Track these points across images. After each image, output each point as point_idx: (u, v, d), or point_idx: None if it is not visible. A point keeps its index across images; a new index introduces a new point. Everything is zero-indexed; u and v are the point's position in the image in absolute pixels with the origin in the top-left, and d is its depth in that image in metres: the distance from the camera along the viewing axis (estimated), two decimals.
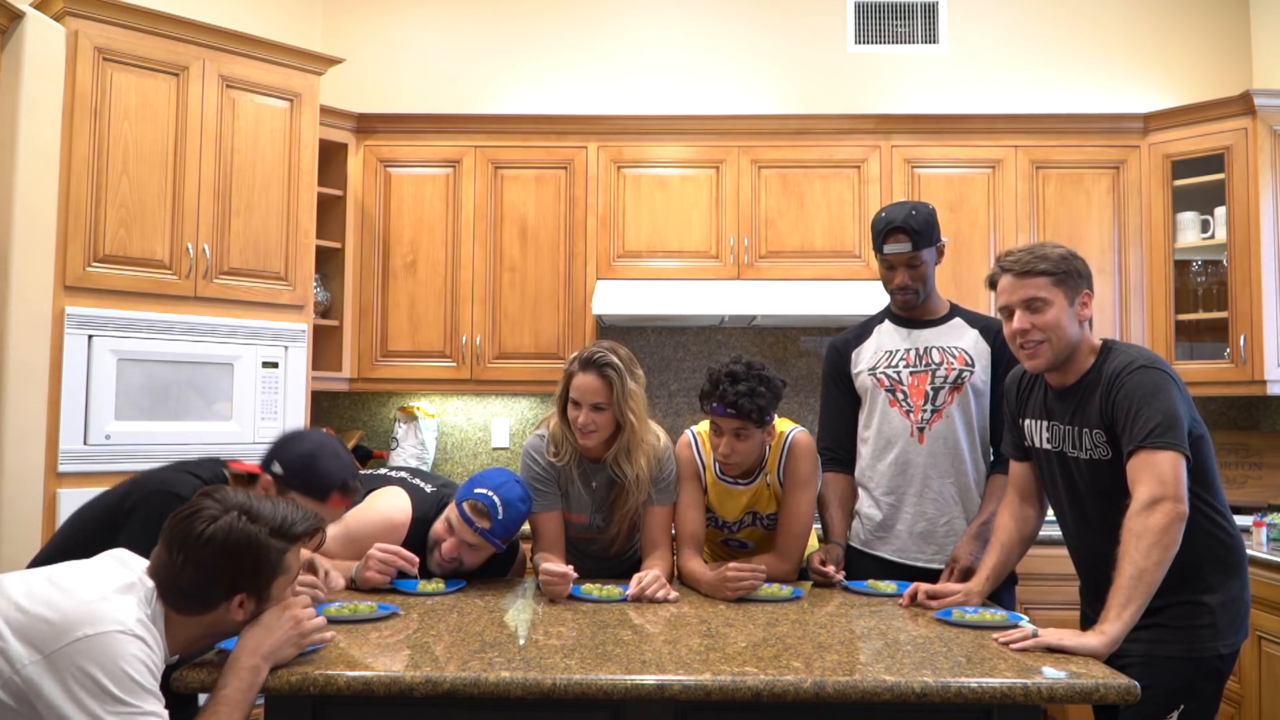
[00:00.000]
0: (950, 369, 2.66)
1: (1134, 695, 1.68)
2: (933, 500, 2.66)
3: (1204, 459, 2.10)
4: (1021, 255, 2.18)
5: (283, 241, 3.76)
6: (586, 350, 2.55)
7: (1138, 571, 1.90)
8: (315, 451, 2.15)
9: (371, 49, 4.65)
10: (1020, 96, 4.56)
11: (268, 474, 2.14)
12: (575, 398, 2.52)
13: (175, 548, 1.66)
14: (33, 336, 3.18)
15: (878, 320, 2.83)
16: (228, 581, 1.67)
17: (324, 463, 2.14)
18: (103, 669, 1.51)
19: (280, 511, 1.74)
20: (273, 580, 1.72)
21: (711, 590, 2.41)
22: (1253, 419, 4.41)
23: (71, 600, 1.57)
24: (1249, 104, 3.88)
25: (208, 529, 1.66)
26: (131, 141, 3.41)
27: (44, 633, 1.53)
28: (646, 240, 4.24)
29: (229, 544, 1.66)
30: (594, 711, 1.80)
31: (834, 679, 1.69)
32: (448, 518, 2.48)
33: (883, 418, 2.70)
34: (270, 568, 1.71)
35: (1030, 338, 2.16)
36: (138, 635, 1.56)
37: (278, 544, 1.71)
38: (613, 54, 4.64)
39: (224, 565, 1.66)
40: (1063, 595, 3.47)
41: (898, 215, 2.64)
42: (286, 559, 1.74)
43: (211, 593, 1.67)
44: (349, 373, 4.23)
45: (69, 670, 1.51)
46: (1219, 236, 4.01)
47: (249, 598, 1.70)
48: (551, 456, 2.58)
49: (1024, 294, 2.16)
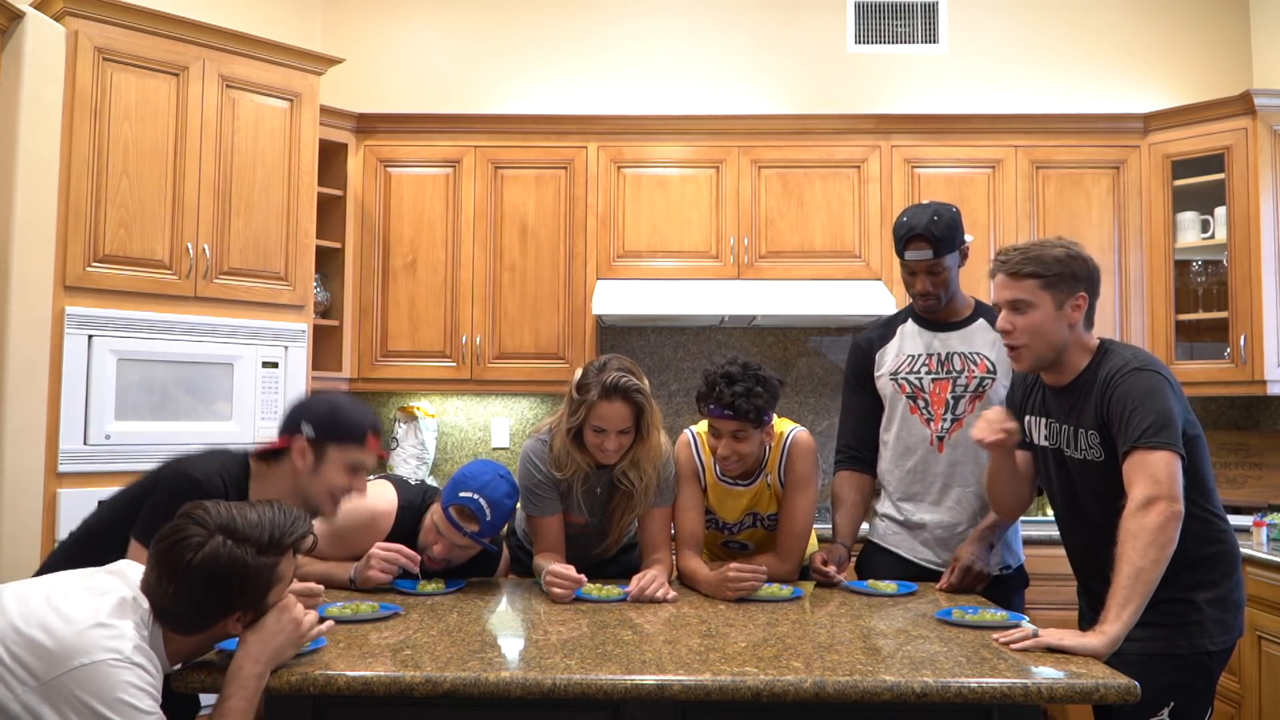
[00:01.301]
0: (972, 377, 2.64)
1: (1134, 695, 1.68)
2: (950, 508, 2.65)
3: (1198, 459, 2.10)
4: (1015, 255, 2.18)
5: (283, 241, 3.76)
6: (598, 375, 2.46)
7: (1135, 571, 1.90)
8: (336, 402, 2.17)
9: (371, 49, 4.65)
10: (1020, 96, 4.56)
11: (299, 438, 2.10)
12: (600, 426, 2.44)
13: (165, 576, 1.62)
14: (33, 336, 3.18)
15: (901, 319, 2.79)
16: (221, 606, 1.65)
17: (348, 409, 2.15)
18: (99, 698, 1.50)
19: (267, 522, 1.69)
20: (267, 593, 1.70)
21: (712, 590, 2.41)
22: (1253, 419, 4.41)
23: (67, 626, 1.54)
24: (1249, 104, 3.88)
25: (194, 558, 1.61)
26: (131, 141, 3.41)
27: (40, 659, 1.52)
28: (646, 240, 4.24)
29: (217, 572, 1.62)
30: (594, 711, 1.80)
31: (834, 679, 1.69)
32: (434, 523, 2.45)
33: (903, 424, 2.69)
34: (264, 584, 1.68)
35: (1011, 340, 2.19)
36: (135, 663, 1.54)
37: (268, 560, 1.67)
38: (613, 54, 4.64)
39: (214, 593, 1.63)
40: (1063, 595, 3.45)
41: (920, 221, 2.58)
42: (279, 570, 1.70)
43: (207, 618, 1.66)
44: (349, 373, 4.23)
45: (65, 700, 1.49)
46: (1219, 236, 4.01)
47: (245, 614, 1.69)
48: (555, 471, 2.54)
49: (1010, 295, 2.17)
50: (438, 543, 2.44)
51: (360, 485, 2.16)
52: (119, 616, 1.59)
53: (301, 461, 2.11)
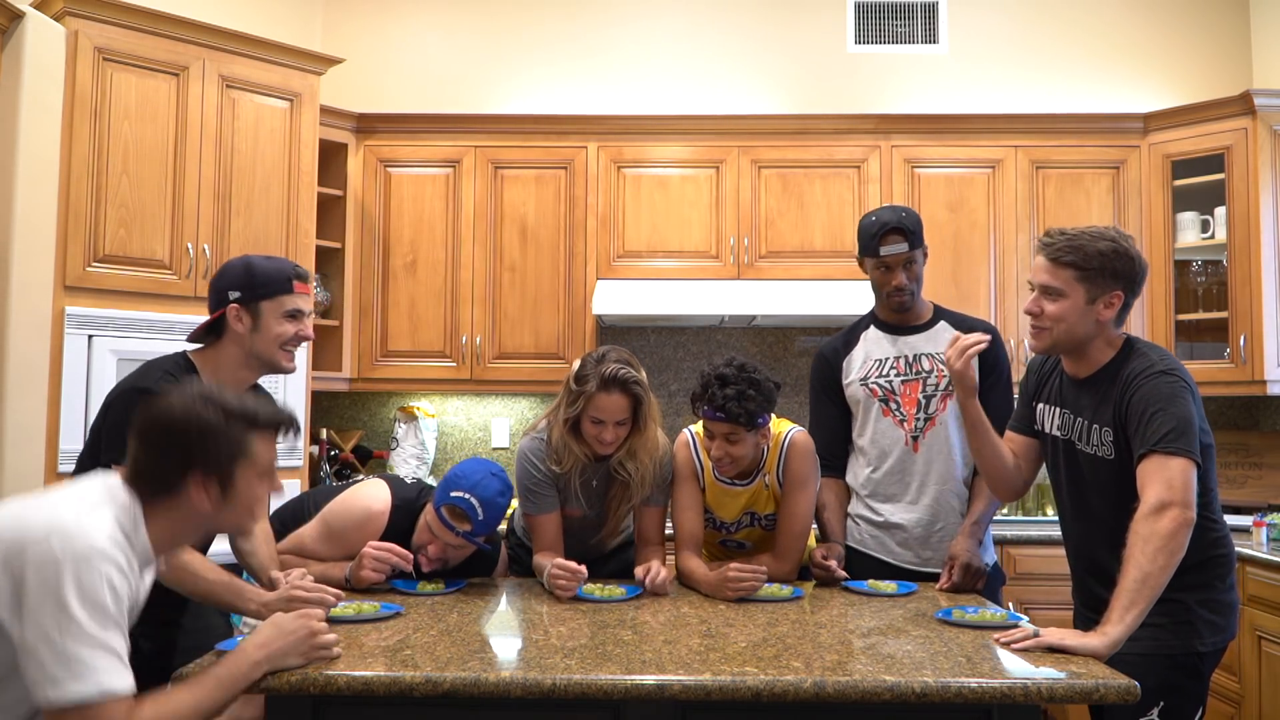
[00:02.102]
0: (941, 376, 2.67)
1: (1134, 695, 1.68)
2: (928, 506, 2.67)
3: (1206, 467, 2.10)
4: (1060, 241, 2.14)
5: (283, 241, 3.76)
6: (597, 366, 2.47)
7: (1143, 575, 1.89)
8: (249, 261, 2.23)
9: (371, 49, 4.65)
10: (1020, 96, 4.56)
11: (229, 305, 2.17)
12: (599, 417, 2.46)
13: (136, 433, 1.62)
14: (33, 336, 3.18)
15: (863, 326, 2.82)
16: (182, 456, 1.60)
17: (263, 263, 2.22)
18: (69, 587, 1.42)
19: (246, 400, 1.70)
20: (234, 462, 1.64)
21: (712, 591, 2.41)
22: (1253, 419, 4.41)
23: (42, 514, 1.49)
24: (1249, 104, 3.88)
25: (163, 407, 1.62)
26: (131, 141, 3.41)
27: (10, 548, 1.45)
28: (646, 240, 4.24)
29: (180, 420, 1.61)
30: (594, 711, 1.80)
31: (834, 679, 1.69)
32: (428, 523, 2.45)
33: (876, 428, 2.71)
34: (229, 446, 1.63)
35: (1037, 322, 2.18)
36: (108, 555, 1.48)
37: (237, 424, 1.64)
38: (613, 54, 4.64)
39: (177, 440, 1.60)
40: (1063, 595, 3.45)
41: (891, 217, 2.65)
42: (251, 444, 1.66)
43: (170, 470, 1.61)
44: (349, 373, 4.23)
45: (31, 585, 1.42)
46: (1219, 236, 4.01)
47: (209, 478, 1.62)
48: (554, 466, 2.55)
49: (1044, 279, 2.15)
50: (432, 543, 2.44)
51: (305, 328, 2.24)
52: (98, 508, 1.54)
53: (240, 325, 2.18)
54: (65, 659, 1.41)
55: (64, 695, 1.41)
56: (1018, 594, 3.61)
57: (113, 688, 1.44)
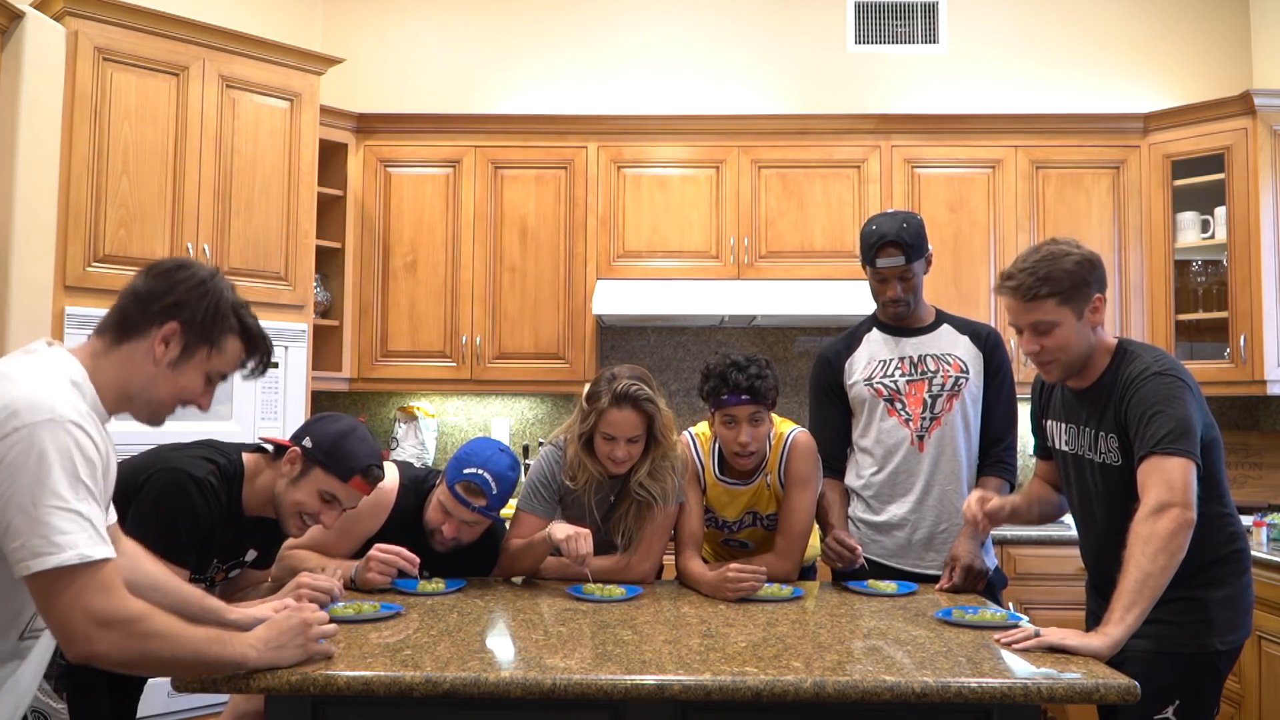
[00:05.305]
0: (947, 376, 2.67)
1: (1134, 695, 1.68)
2: (933, 507, 2.67)
3: (1214, 460, 2.10)
4: (1024, 277, 2.10)
5: (283, 241, 3.76)
6: (610, 384, 2.48)
7: (1143, 576, 1.89)
8: (346, 431, 2.19)
9: (371, 49, 4.65)
10: (1020, 96, 4.56)
11: (296, 446, 2.16)
12: (610, 434, 2.47)
13: (146, 270, 1.68)
14: (33, 336, 3.15)
15: (865, 329, 2.82)
16: (173, 302, 1.64)
17: (352, 443, 2.17)
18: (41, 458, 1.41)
19: (254, 318, 1.74)
20: (205, 337, 1.67)
21: (712, 591, 2.41)
22: (1253, 419, 4.41)
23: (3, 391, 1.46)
24: (1249, 104, 3.88)
25: (188, 261, 1.71)
26: (131, 141, 3.41)
27: None
28: (646, 240, 4.24)
29: (196, 275, 1.67)
30: (594, 711, 1.80)
31: (834, 679, 1.69)
32: (441, 502, 2.47)
33: (880, 428, 2.70)
34: (212, 323, 1.66)
35: (1041, 358, 2.16)
36: (76, 422, 1.47)
37: (232, 320, 1.69)
38: (613, 54, 4.64)
39: (180, 284, 1.65)
40: (1063, 595, 3.47)
41: (890, 229, 2.62)
42: (227, 342, 1.70)
43: (152, 310, 1.64)
44: (349, 373, 4.23)
45: (3, 461, 1.40)
46: (1219, 236, 4.01)
47: (174, 336, 1.64)
48: (569, 482, 2.56)
49: (1030, 318, 2.13)
50: (446, 522, 2.46)
51: (329, 518, 2.18)
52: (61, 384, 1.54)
53: (288, 468, 2.16)
54: (44, 529, 1.40)
55: (44, 565, 1.40)
56: (1018, 594, 3.61)
57: (92, 555, 1.43)
